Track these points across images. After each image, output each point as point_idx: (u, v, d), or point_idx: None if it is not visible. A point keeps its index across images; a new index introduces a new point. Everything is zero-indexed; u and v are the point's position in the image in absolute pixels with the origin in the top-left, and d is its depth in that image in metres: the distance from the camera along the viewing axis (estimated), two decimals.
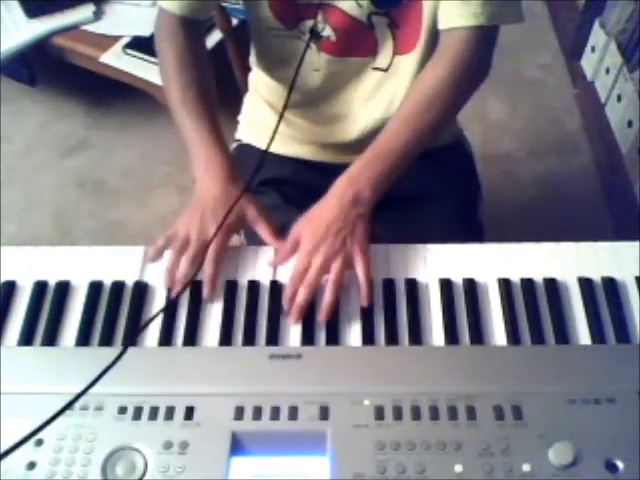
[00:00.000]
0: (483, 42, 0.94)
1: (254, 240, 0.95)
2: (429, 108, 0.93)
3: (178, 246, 0.86)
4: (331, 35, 1.00)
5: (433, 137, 0.96)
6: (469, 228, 1.15)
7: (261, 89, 1.19)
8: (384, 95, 1.07)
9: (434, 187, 1.15)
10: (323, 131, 1.15)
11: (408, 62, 1.03)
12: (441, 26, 0.94)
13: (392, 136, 0.92)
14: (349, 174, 0.89)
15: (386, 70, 1.05)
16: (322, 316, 0.80)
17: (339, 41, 1.01)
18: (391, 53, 1.03)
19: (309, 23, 1.00)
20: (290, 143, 1.18)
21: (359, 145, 1.11)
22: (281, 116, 0.96)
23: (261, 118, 1.21)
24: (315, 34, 1.00)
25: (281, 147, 1.17)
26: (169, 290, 0.84)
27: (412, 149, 0.92)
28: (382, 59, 1.04)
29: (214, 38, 1.77)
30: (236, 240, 1.28)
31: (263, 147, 1.19)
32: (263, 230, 0.89)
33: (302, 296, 0.80)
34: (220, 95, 1.00)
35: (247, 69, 1.27)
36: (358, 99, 1.09)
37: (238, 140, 1.26)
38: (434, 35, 0.98)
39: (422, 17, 0.97)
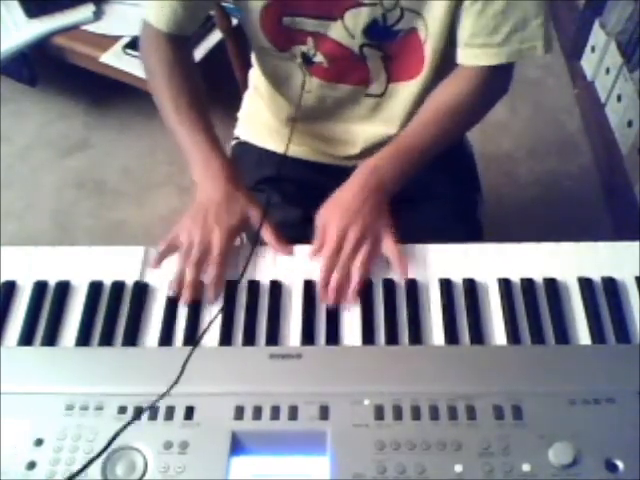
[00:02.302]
0: (502, 72, 0.97)
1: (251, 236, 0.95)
2: (449, 118, 0.95)
3: (183, 253, 0.85)
4: (323, 61, 1.01)
5: (449, 144, 0.98)
6: (469, 227, 1.15)
7: (260, 88, 1.19)
8: (382, 116, 1.08)
9: (436, 187, 1.15)
10: (323, 145, 1.16)
11: (407, 88, 1.03)
12: (460, 61, 0.95)
13: (414, 136, 0.95)
14: (372, 163, 0.90)
15: (381, 96, 1.05)
16: (352, 297, 0.81)
17: (330, 68, 1.01)
18: (385, 81, 1.03)
19: (302, 48, 1.00)
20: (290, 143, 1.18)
21: (360, 157, 1.12)
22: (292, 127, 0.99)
23: (260, 116, 1.21)
24: (306, 59, 1.01)
25: (281, 146, 1.17)
26: (172, 297, 0.83)
27: (430, 152, 0.95)
28: (376, 87, 1.04)
29: (214, 38, 1.78)
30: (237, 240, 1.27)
31: (261, 145, 1.20)
32: (267, 233, 0.89)
33: (336, 279, 0.82)
34: (220, 94, 1.00)
35: (247, 67, 1.27)
36: (355, 120, 1.10)
37: (237, 137, 1.26)
38: (439, 65, 0.99)
39: (423, 49, 0.97)
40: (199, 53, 1.77)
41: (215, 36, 1.77)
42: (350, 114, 1.10)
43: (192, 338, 0.79)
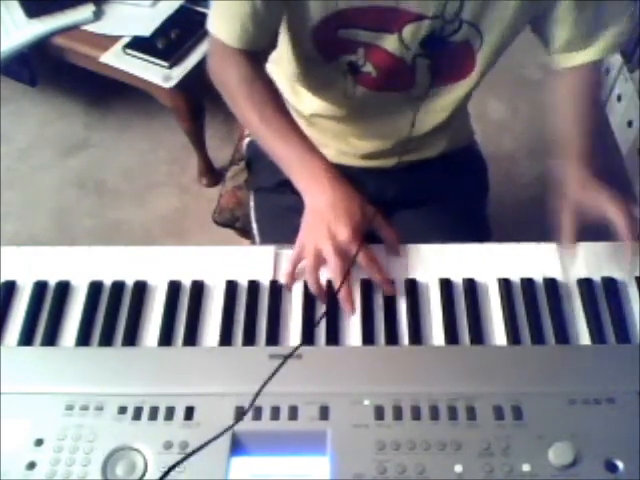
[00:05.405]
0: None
1: (269, 239, 0.93)
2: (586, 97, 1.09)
3: (312, 262, 0.82)
4: (372, 71, 0.99)
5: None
6: (481, 227, 1.17)
7: (279, 87, 1.18)
8: (417, 115, 1.06)
9: (451, 188, 1.16)
10: (349, 142, 1.14)
11: (450, 90, 1.04)
12: (562, 65, 1.06)
13: (578, 125, 1.07)
14: (578, 172, 1.01)
15: (420, 98, 1.05)
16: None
17: (379, 77, 1.00)
18: (427, 85, 1.03)
19: (349, 57, 0.98)
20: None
21: (383, 154, 1.11)
22: None
23: None
24: (355, 69, 1.00)
25: None
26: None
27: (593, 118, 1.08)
28: (417, 90, 1.04)
29: None
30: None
31: None
32: (390, 233, 0.87)
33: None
34: (220, 95, 1.00)
35: None
36: (387, 119, 1.09)
37: (249, 135, 1.25)
38: (489, 68, 1.02)
39: (473, 55, 0.98)
40: (199, 54, 1.77)
41: None
42: (383, 116, 1.09)
43: (192, 338, 0.80)
